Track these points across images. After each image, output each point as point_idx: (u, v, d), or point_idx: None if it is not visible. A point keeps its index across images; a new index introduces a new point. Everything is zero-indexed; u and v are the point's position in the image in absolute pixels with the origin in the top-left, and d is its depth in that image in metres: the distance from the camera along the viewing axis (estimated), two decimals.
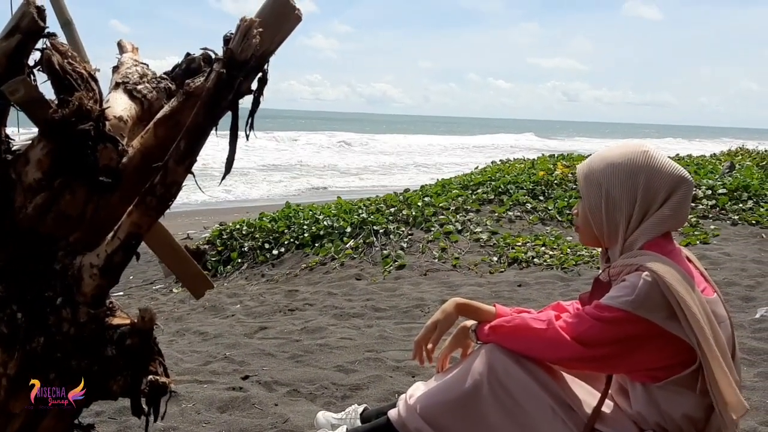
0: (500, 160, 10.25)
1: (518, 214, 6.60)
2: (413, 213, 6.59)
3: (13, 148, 1.19)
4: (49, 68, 1.14)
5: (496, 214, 6.58)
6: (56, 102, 1.16)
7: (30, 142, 1.18)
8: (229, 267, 6.80)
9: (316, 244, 6.58)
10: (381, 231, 6.36)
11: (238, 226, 7.31)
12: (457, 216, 6.51)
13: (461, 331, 2.02)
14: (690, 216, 6.54)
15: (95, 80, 1.19)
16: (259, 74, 1.20)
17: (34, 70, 1.19)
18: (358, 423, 2.25)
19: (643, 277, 1.63)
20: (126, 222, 1.16)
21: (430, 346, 1.99)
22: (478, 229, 6.18)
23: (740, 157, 10.97)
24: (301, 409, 2.70)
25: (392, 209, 6.79)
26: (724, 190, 7.09)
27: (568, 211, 6.55)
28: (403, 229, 6.35)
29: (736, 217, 6.55)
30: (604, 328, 1.67)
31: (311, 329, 3.95)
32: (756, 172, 8.41)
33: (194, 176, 1.22)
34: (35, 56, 1.19)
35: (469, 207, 6.77)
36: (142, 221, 1.16)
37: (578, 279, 4.88)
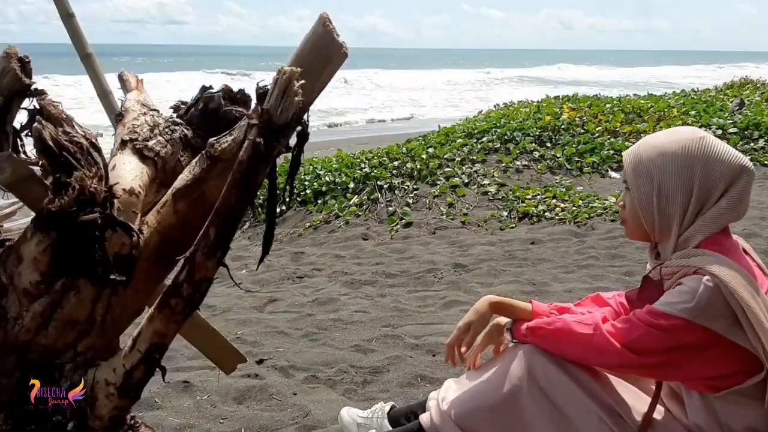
0: (503, 104, 9.98)
1: (525, 163, 6.42)
2: (417, 166, 6.40)
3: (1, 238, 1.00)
4: (42, 145, 0.92)
5: (503, 164, 6.40)
6: (51, 183, 0.93)
7: (23, 233, 0.97)
8: None
9: (319, 201, 6.41)
10: (385, 186, 6.18)
11: None
12: (463, 168, 6.33)
13: (494, 328, 1.88)
14: None
15: (97, 149, 0.96)
16: (299, 128, 1.00)
17: (22, 135, 0.99)
18: (386, 423, 2.14)
19: (704, 282, 1.48)
20: (147, 330, 0.95)
21: (463, 349, 1.86)
22: (486, 182, 6.01)
23: (748, 91, 10.70)
24: (321, 398, 2.60)
25: (395, 162, 6.59)
26: (735, 129, 6.91)
27: (577, 159, 6.37)
28: (408, 183, 6.18)
29: (749, 158, 6.39)
30: (658, 336, 1.53)
31: (323, 300, 3.83)
32: (766, 107, 8.19)
33: (228, 268, 1.02)
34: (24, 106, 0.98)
35: (474, 157, 6.58)
36: (168, 329, 0.95)
37: (592, 234, 4.74)
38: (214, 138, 1.08)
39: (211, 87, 1.27)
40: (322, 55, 0.99)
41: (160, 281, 1.06)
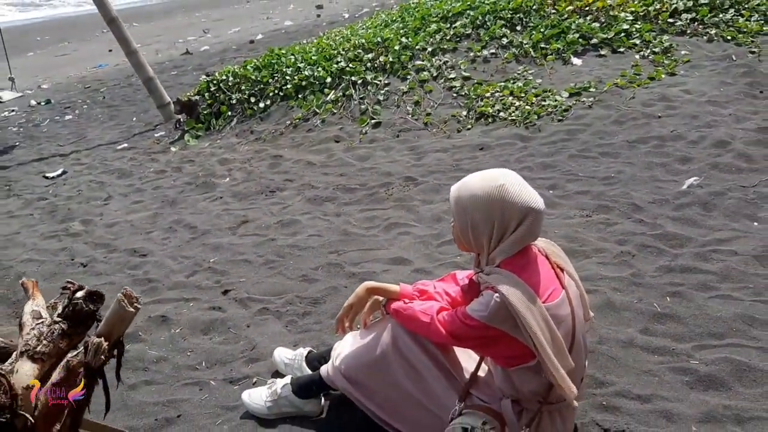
0: None
1: (494, 51, 6.67)
2: (390, 59, 6.71)
3: None
4: None
5: (472, 53, 6.66)
6: None
7: None
8: (220, 120, 7.14)
9: (299, 96, 6.83)
10: (359, 82, 6.55)
11: (224, 77, 7.51)
12: (433, 60, 6.62)
13: (375, 303, 2.49)
14: (664, 37, 6.51)
15: (4, 376, 1.52)
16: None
17: None
18: (304, 365, 2.82)
19: (494, 298, 2.04)
20: None
21: (347, 324, 2.48)
22: (453, 75, 6.34)
23: None
24: (268, 330, 3.26)
25: (370, 55, 6.89)
26: (706, 0, 6.95)
27: (543, 45, 6.59)
28: (381, 78, 6.53)
29: (713, 32, 6.50)
30: (468, 330, 2.13)
31: (286, 222, 4.43)
32: None
33: None
34: None
35: (446, 46, 6.83)
36: None
37: (537, 137, 5.15)
38: (71, 354, 1.64)
39: (80, 288, 1.80)
40: (121, 318, 1.53)
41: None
